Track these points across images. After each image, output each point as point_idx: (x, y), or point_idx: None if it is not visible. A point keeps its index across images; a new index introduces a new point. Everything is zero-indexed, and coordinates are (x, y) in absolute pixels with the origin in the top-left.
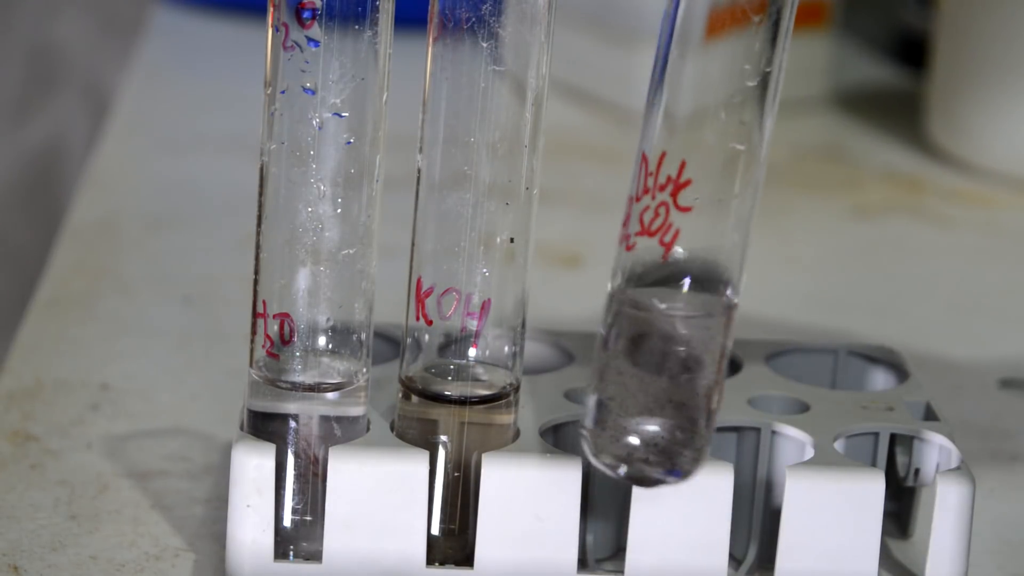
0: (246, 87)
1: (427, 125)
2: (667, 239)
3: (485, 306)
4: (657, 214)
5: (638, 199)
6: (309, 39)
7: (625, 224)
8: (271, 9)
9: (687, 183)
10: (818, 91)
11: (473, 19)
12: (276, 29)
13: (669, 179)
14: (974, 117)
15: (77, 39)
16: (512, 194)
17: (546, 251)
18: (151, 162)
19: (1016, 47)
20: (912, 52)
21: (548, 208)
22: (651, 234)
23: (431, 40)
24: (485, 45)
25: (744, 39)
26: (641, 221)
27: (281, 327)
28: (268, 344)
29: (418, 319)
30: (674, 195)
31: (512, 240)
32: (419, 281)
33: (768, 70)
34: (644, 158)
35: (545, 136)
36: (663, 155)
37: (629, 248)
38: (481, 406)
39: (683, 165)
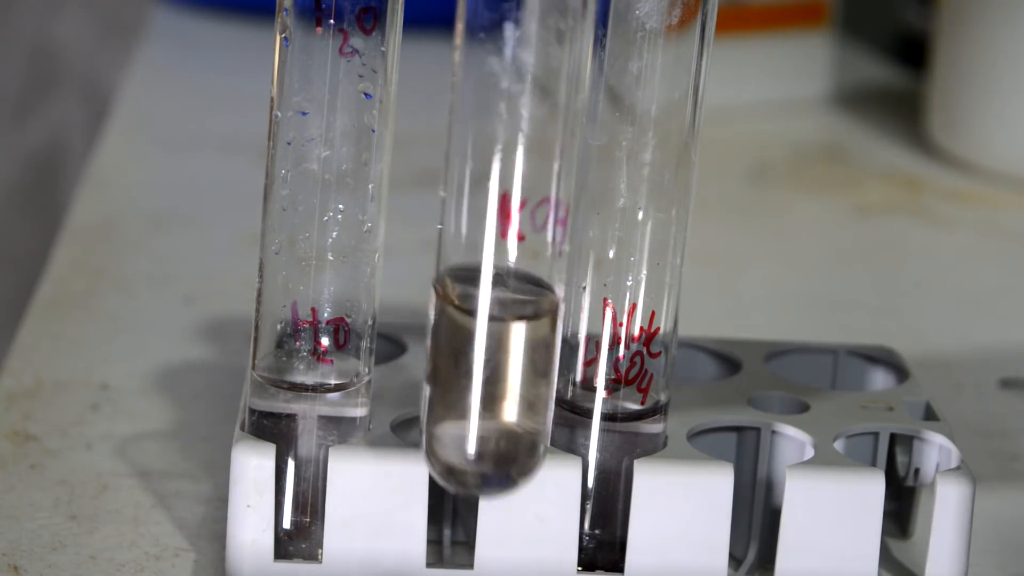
0: (246, 87)
1: None
2: None
3: None
4: None
5: None
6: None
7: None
8: (279, 15)
9: None
10: (818, 91)
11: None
12: (331, 36)
13: None
14: (974, 117)
15: (77, 39)
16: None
17: None
18: (151, 162)
19: (1016, 47)
20: (912, 52)
21: None
22: None
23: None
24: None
25: None
26: None
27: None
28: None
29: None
30: None
31: None
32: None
33: None
34: None
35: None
36: None
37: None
38: None
39: None
